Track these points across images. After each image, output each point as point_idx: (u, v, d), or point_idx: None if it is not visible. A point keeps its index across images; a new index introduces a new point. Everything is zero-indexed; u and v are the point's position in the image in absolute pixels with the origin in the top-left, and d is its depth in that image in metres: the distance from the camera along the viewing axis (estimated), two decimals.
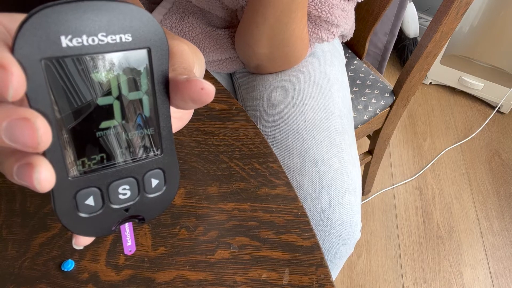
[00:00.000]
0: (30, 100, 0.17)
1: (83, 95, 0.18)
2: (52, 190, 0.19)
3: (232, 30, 0.69)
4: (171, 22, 0.67)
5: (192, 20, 0.68)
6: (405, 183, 1.40)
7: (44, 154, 0.18)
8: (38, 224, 0.41)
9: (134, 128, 0.20)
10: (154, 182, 0.22)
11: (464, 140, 1.52)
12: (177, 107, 0.21)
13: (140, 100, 0.20)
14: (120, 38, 0.18)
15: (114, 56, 0.18)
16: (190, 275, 0.38)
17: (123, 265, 0.39)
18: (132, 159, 0.21)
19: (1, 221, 0.41)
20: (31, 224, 0.41)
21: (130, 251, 0.24)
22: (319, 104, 0.64)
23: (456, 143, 1.51)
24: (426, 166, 1.44)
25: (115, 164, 0.20)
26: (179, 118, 0.24)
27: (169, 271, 0.38)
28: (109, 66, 0.18)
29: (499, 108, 1.60)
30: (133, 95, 0.20)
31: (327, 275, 0.38)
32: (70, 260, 0.39)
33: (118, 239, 0.40)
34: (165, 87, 0.20)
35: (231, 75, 0.79)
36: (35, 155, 0.17)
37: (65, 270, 0.38)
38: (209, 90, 0.19)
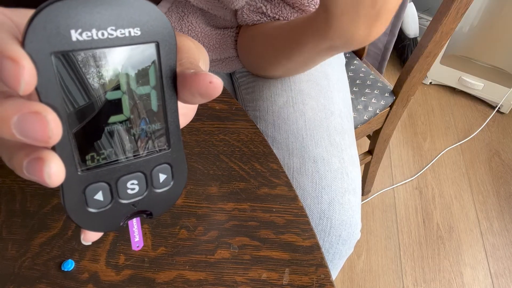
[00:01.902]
0: (40, 94, 0.17)
1: (92, 90, 0.18)
2: (62, 185, 0.19)
3: (232, 30, 0.69)
4: (171, 21, 0.67)
5: (191, 20, 0.68)
6: (405, 183, 1.40)
7: (53, 148, 0.18)
8: (38, 224, 0.41)
9: (142, 123, 0.20)
10: (162, 177, 0.22)
11: (464, 140, 1.52)
12: (185, 101, 0.21)
13: (149, 95, 0.20)
14: (129, 32, 0.18)
15: (123, 50, 0.18)
16: (190, 275, 0.38)
17: (123, 265, 0.39)
18: (140, 154, 0.21)
19: (1, 221, 0.41)
20: (31, 224, 0.41)
21: (138, 246, 0.24)
22: (319, 104, 0.64)
23: (456, 143, 1.51)
24: (426, 166, 1.44)
25: (123, 159, 0.20)
26: (184, 114, 0.24)
27: (169, 271, 0.38)
28: (118, 60, 0.18)
29: (499, 108, 1.60)
30: (141, 90, 0.20)
31: (327, 275, 0.38)
32: (70, 260, 0.39)
33: (118, 239, 0.40)
34: (173, 81, 0.20)
35: (231, 75, 0.79)
36: (45, 149, 0.17)
37: (65, 270, 0.38)
38: (217, 84, 0.19)
